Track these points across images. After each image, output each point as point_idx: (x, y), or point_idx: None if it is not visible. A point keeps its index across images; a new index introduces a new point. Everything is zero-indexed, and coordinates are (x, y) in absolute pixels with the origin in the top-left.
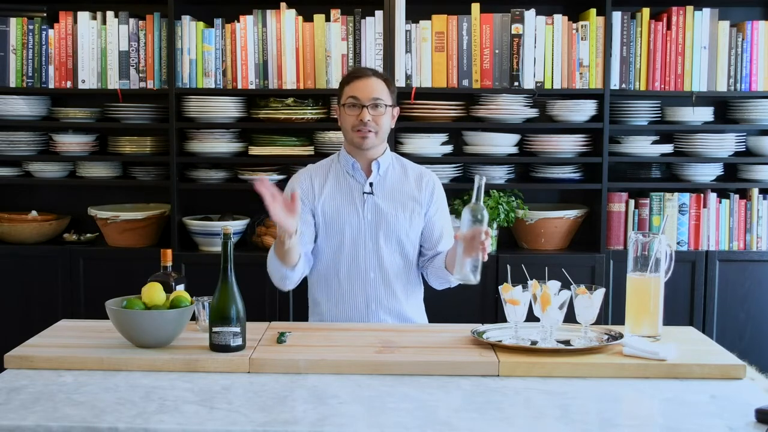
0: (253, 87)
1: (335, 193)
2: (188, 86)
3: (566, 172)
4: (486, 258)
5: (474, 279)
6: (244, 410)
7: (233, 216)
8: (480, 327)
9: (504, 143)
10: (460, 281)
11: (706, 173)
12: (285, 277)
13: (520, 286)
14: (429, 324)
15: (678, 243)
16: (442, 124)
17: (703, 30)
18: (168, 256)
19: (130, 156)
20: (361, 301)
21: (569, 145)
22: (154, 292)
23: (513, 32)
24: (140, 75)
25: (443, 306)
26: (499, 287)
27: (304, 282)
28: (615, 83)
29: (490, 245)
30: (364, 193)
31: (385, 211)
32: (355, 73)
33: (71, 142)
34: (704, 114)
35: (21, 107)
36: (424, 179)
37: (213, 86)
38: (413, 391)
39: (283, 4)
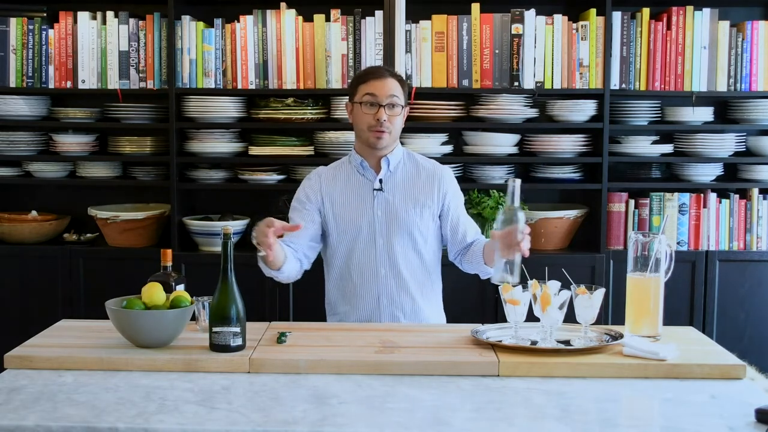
0: (253, 87)
1: (345, 192)
2: (188, 86)
3: (566, 172)
4: (525, 255)
5: (511, 279)
6: (244, 410)
7: (233, 216)
8: (480, 327)
9: (504, 143)
10: (497, 282)
11: (706, 173)
12: (274, 276)
13: (520, 286)
14: (429, 324)
15: (678, 243)
16: (442, 124)
17: (703, 30)
18: (168, 256)
19: (130, 156)
20: (372, 298)
21: (569, 145)
22: (154, 292)
23: (513, 32)
24: (140, 75)
25: (444, 306)
26: (499, 287)
27: (310, 283)
28: (615, 83)
29: (527, 244)
30: (374, 189)
31: (396, 207)
32: (372, 72)
33: (71, 142)
34: (704, 114)
35: (21, 107)
36: (436, 175)
37: (213, 86)
38: (413, 391)
39: (283, 4)
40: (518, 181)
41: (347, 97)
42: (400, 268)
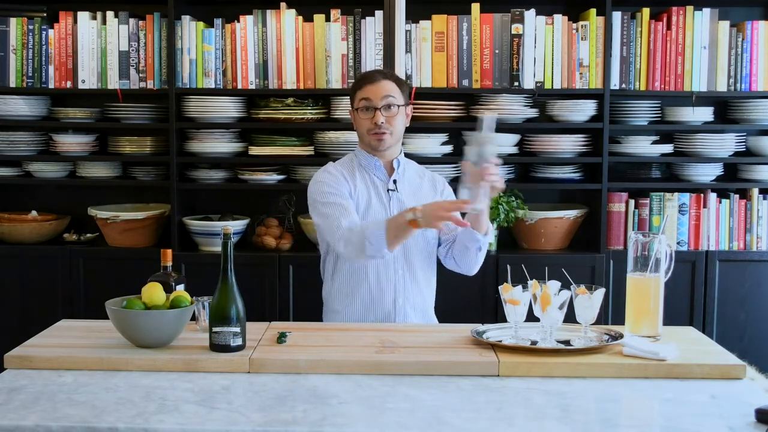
0: (253, 87)
1: (363, 191)
2: (188, 86)
3: (566, 172)
4: (501, 186)
5: (480, 206)
6: (244, 410)
7: (233, 216)
8: (480, 327)
9: (504, 143)
10: (469, 210)
11: (706, 173)
12: (374, 257)
13: (520, 286)
14: (429, 324)
15: (678, 243)
16: (442, 124)
17: (703, 30)
18: (168, 256)
19: (130, 156)
20: (390, 298)
21: (569, 145)
22: (154, 292)
23: (513, 32)
24: (140, 75)
25: (444, 306)
26: (499, 287)
27: (310, 283)
28: (615, 83)
29: (498, 174)
30: (388, 190)
31: (409, 206)
32: (365, 77)
33: (71, 142)
34: (704, 114)
35: (21, 107)
36: (435, 178)
37: (213, 86)
38: (413, 391)
39: (283, 4)
40: (488, 117)
41: (347, 97)
42: (414, 266)
